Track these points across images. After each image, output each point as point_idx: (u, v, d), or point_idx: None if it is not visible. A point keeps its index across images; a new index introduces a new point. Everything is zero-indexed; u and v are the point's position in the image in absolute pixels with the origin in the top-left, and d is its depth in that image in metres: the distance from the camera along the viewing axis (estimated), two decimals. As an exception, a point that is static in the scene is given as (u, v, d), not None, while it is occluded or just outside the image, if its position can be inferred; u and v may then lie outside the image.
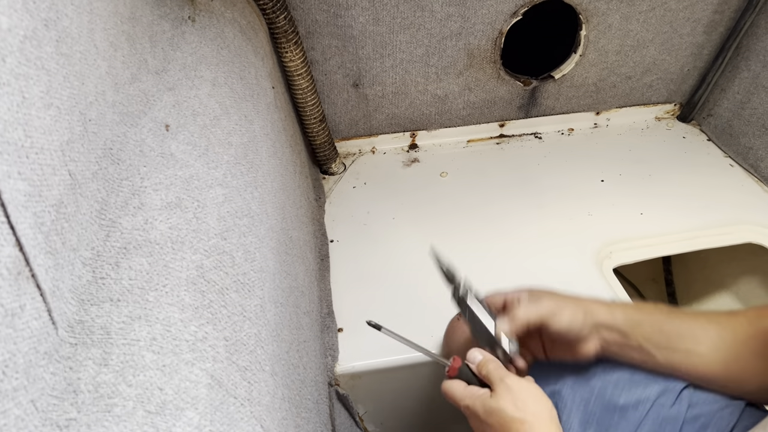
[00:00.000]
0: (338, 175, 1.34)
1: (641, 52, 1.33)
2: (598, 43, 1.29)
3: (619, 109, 1.45)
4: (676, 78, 1.41)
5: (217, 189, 0.60)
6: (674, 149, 1.39)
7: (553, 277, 1.05)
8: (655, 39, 1.31)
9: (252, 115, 0.78)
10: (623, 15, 1.25)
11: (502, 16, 1.20)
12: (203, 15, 0.81)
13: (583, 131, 1.45)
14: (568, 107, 1.41)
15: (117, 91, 0.57)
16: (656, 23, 1.28)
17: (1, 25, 0.36)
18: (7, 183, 0.34)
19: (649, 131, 1.45)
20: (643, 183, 1.28)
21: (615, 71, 1.36)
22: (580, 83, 1.36)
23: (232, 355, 0.49)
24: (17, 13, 0.38)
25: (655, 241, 1.14)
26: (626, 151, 1.38)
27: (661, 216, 1.19)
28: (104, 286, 0.45)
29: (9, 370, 0.33)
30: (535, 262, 1.08)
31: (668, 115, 1.49)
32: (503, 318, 0.68)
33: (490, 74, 1.30)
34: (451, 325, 0.85)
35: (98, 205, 0.49)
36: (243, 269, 0.58)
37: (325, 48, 1.18)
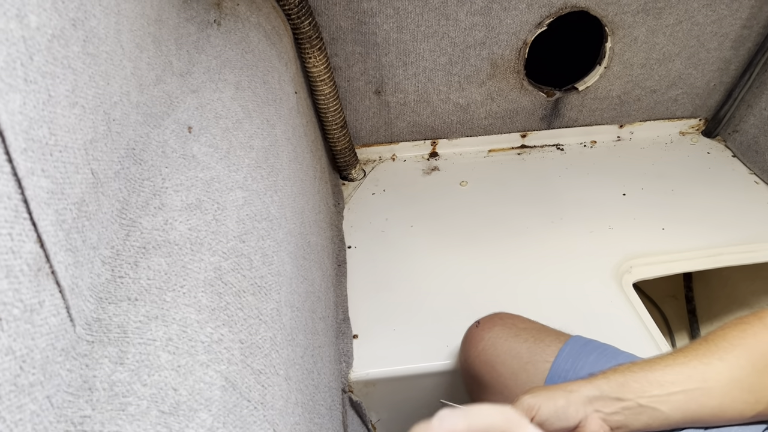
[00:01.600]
0: (358, 181, 1.34)
1: (667, 66, 1.32)
2: (624, 55, 1.28)
3: (643, 123, 1.44)
4: (702, 93, 1.40)
5: (237, 192, 0.60)
6: (698, 164, 1.37)
7: (571, 292, 1.04)
8: (682, 53, 1.30)
9: (274, 120, 0.78)
10: (649, 28, 1.24)
11: (527, 27, 1.19)
12: (229, 19, 0.82)
13: (606, 144, 1.43)
14: (591, 119, 1.40)
15: (141, 92, 0.57)
16: (683, 37, 1.27)
17: (30, 23, 0.36)
18: (30, 180, 0.35)
19: (673, 146, 1.43)
20: (666, 198, 1.26)
21: (640, 84, 1.35)
22: (604, 95, 1.35)
23: (246, 357, 0.49)
24: (46, 12, 0.39)
25: (676, 257, 1.12)
26: (649, 165, 1.36)
27: (684, 232, 1.17)
28: (122, 285, 0.45)
29: (26, 365, 0.33)
30: (554, 276, 1.08)
31: (693, 129, 1.47)
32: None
33: (513, 84, 1.29)
34: (469, 333, 0.84)
35: (119, 205, 0.49)
36: (260, 272, 0.58)
37: (348, 54, 1.18)
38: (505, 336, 0.79)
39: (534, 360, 0.75)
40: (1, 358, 0.31)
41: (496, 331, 0.80)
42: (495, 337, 0.79)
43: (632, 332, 0.97)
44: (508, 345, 0.78)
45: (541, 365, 0.74)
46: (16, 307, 0.33)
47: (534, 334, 0.78)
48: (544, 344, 0.76)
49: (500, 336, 0.79)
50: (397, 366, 0.92)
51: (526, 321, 0.82)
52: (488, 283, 1.06)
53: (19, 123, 0.34)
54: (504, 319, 0.82)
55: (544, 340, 0.77)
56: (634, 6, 1.20)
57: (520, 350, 0.77)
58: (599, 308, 1.01)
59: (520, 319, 0.83)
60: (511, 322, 0.82)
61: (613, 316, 1.00)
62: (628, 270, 1.10)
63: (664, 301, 1.56)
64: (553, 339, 0.77)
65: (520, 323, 0.81)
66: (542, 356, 0.75)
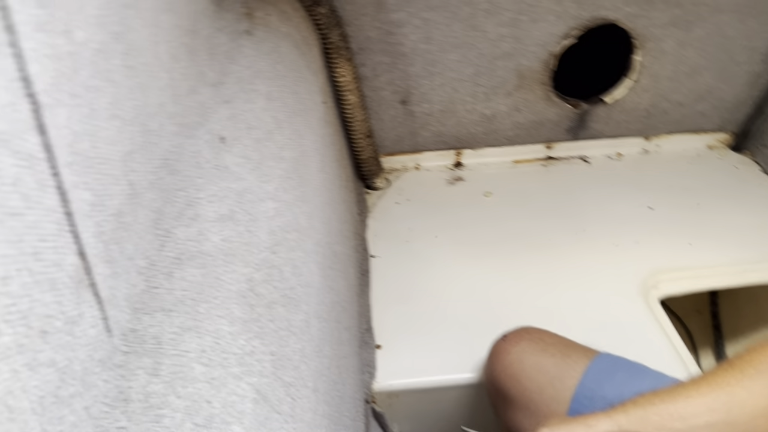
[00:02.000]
0: (382, 190, 1.34)
1: (695, 79, 1.31)
2: (652, 68, 1.27)
3: (670, 136, 1.42)
4: (730, 106, 1.38)
5: (268, 203, 0.61)
6: (726, 179, 1.35)
7: (596, 306, 1.03)
8: (711, 66, 1.29)
9: (303, 130, 0.78)
10: (678, 41, 1.23)
11: (555, 39, 1.19)
12: (260, 29, 0.82)
13: (632, 156, 1.42)
14: (617, 131, 1.39)
15: (176, 103, 0.58)
16: (712, 50, 1.26)
17: (77, 38, 0.37)
18: (74, 193, 0.35)
19: (700, 159, 1.42)
20: (693, 212, 1.25)
21: (667, 97, 1.34)
22: (631, 108, 1.34)
23: (277, 370, 0.50)
24: (91, 26, 0.39)
25: (704, 273, 1.11)
26: (676, 178, 1.35)
27: (711, 247, 1.16)
28: (157, 296, 0.46)
29: (67, 377, 0.34)
30: (579, 289, 1.07)
31: (720, 143, 1.45)
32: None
33: (539, 96, 1.29)
34: (495, 347, 0.84)
35: (154, 215, 0.50)
36: (290, 284, 0.58)
37: (375, 64, 1.19)
38: (532, 350, 0.78)
39: (561, 376, 0.74)
40: (45, 370, 0.31)
41: (523, 345, 0.80)
42: (522, 351, 0.79)
43: (659, 349, 0.96)
44: (535, 360, 0.77)
45: (568, 381, 0.74)
46: (59, 319, 0.33)
47: (561, 349, 0.78)
48: (572, 360, 0.76)
49: (527, 350, 0.79)
50: (420, 378, 0.92)
51: (554, 336, 0.82)
52: (512, 295, 1.06)
53: (64, 137, 0.35)
54: (531, 334, 0.82)
55: (572, 356, 0.76)
56: (664, 19, 1.19)
57: (547, 365, 0.76)
58: (625, 323, 1.00)
59: (548, 334, 0.82)
60: (538, 336, 0.81)
61: (639, 332, 0.98)
62: (655, 285, 1.09)
63: (688, 315, 1.54)
64: (580, 355, 0.76)
65: (547, 338, 0.81)
66: (569, 372, 0.74)
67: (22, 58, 0.30)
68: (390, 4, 1.10)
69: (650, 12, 1.18)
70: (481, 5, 1.12)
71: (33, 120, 0.31)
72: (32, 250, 0.31)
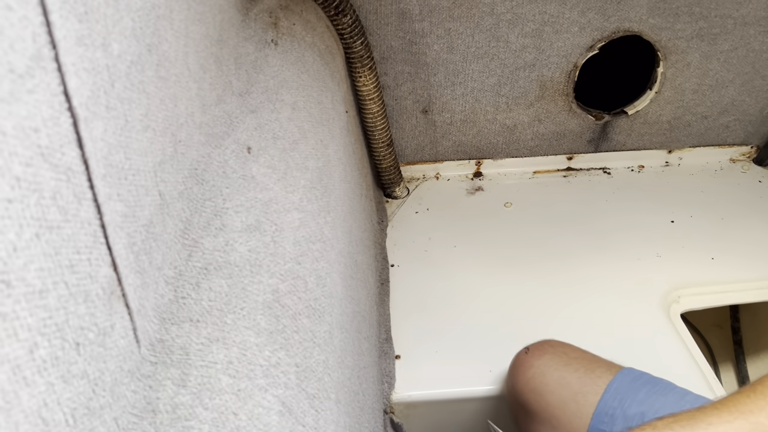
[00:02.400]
0: (401, 199, 1.34)
1: (719, 92, 1.30)
2: (675, 80, 1.26)
3: (693, 149, 1.41)
4: (755, 120, 1.37)
5: (293, 213, 0.61)
6: (749, 193, 1.34)
7: (616, 320, 1.02)
8: (735, 79, 1.28)
9: (327, 140, 0.78)
10: (703, 54, 1.22)
11: (578, 50, 1.18)
12: (285, 38, 0.83)
13: (654, 169, 1.41)
14: (639, 144, 1.39)
15: (204, 113, 0.58)
16: (737, 63, 1.25)
17: (113, 51, 0.37)
18: (108, 205, 0.36)
19: (723, 173, 1.40)
20: (716, 226, 1.23)
21: (691, 110, 1.32)
22: (654, 120, 1.33)
23: (302, 381, 0.50)
24: (126, 39, 0.40)
25: (726, 288, 1.10)
26: (698, 192, 1.34)
27: (734, 262, 1.14)
28: (185, 306, 0.46)
29: (98, 388, 0.34)
30: (600, 302, 1.06)
31: (744, 157, 1.44)
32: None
33: (561, 107, 1.28)
34: (517, 360, 0.83)
35: (182, 225, 0.50)
36: (315, 294, 0.58)
37: (397, 74, 1.19)
38: (555, 365, 0.78)
39: (584, 391, 0.74)
40: (78, 382, 0.32)
41: (546, 359, 0.79)
42: (545, 365, 0.79)
43: (679, 363, 0.95)
44: (559, 374, 0.77)
45: (591, 397, 0.73)
46: (92, 331, 0.33)
47: (585, 364, 0.77)
48: (595, 375, 0.75)
49: (550, 364, 0.78)
50: (439, 389, 0.91)
51: (577, 350, 0.81)
52: (532, 307, 1.05)
53: (100, 150, 0.35)
54: (555, 347, 0.81)
55: (595, 371, 0.76)
56: (689, 31, 1.18)
57: (570, 380, 0.76)
58: (646, 337, 0.99)
59: (571, 347, 0.82)
60: (561, 350, 0.81)
61: (660, 347, 0.97)
62: (677, 300, 1.07)
63: (708, 330, 1.52)
64: (604, 370, 0.76)
65: (571, 352, 0.80)
66: (592, 387, 0.74)
67: (63, 72, 0.30)
68: (413, 14, 1.10)
69: (675, 24, 1.17)
70: (505, 15, 1.12)
71: (72, 133, 0.31)
72: (68, 263, 0.31)
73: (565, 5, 1.12)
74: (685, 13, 1.15)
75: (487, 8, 1.11)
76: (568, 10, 1.13)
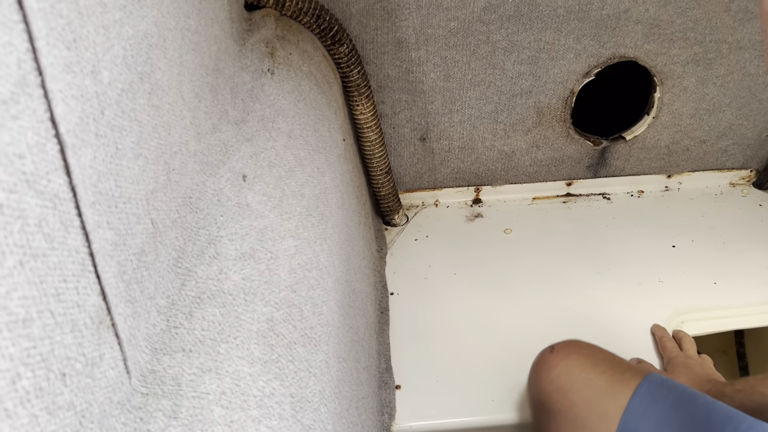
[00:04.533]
0: (401, 226, 1.33)
1: (717, 116, 1.30)
2: (672, 105, 1.27)
3: (692, 173, 1.41)
4: (753, 143, 1.37)
5: (289, 240, 0.60)
6: (750, 217, 1.33)
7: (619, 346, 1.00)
8: (732, 103, 1.28)
9: (324, 168, 0.78)
10: (699, 78, 1.23)
11: (575, 76, 1.19)
12: (282, 68, 0.83)
13: (654, 194, 1.41)
14: (638, 169, 1.38)
15: (199, 141, 0.58)
16: (734, 87, 1.25)
17: (103, 79, 0.37)
18: (97, 233, 0.35)
19: (723, 197, 1.40)
20: (717, 251, 1.23)
21: (689, 134, 1.33)
22: (652, 145, 1.33)
23: (297, 412, 0.49)
24: (117, 67, 0.40)
25: (730, 313, 1.09)
26: (699, 216, 1.33)
27: (737, 286, 1.13)
28: (177, 336, 0.45)
29: (85, 420, 0.33)
30: (601, 329, 1.05)
31: (743, 181, 1.44)
32: None
33: (559, 133, 1.28)
34: (541, 359, 0.82)
35: (176, 254, 0.50)
36: (310, 323, 0.57)
37: (395, 102, 1.19)
38: (582, 365, 0.77)
39: (612, 392, 0.73)
40: (63, 413, 0.31)
41: (573, 359, 0.78)
42: (571, 365, 0.77)
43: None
44: (585, 375, 0.76)
45: (619, 399, 0.72)
46: (79, 361, 0.33)
47: (613, 366, 0.77)
48: (624, 378, 0.74)
49: (577, 364, 0.77)
50: (441, 419, 0.90)
51: (605, 352, 0.80)
52: (534, 334, 1.04)
53: (89, 177, 0.35)
54: (581, 348, 0.80)
55: (624, 373, 0.75)
56: (684, 56, 1.19)
57: (597, 381, 0.75)
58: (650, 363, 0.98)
59: (598, 349, 0.81)
60: (588, 351, 0.80)
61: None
62: (680, 325, 1.06)
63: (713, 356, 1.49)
64: (633, 374, 0.75)
65: (598, 353, 0.79)
66: (621, 389, 0.73)
67: (50, 99, 0.30)
68: (410, 43, 1.11)
69: (670, 50, 1.17)
70: (500, 43, 1.13)
71: (59, 160, 0.31)
72: (54, 291, 0.31)
73: (561, 32, 1.13)
74: (680, 38, 1.16)
75: (483, 36, 1.11)
76: (564, 37, 1.13)
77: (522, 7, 1.08)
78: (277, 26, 0.90)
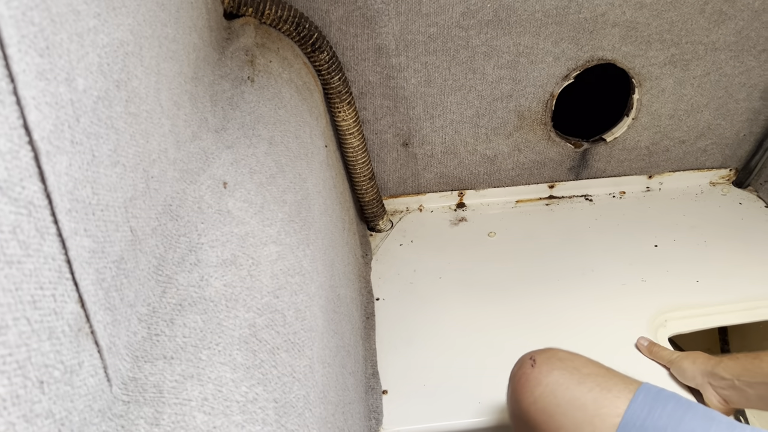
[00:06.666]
0: (385, 232, 1.34)
1: (695, 117, 1.32)
2: (651, 106, 1.28)
3: (673, 173, 1.42)
4: (732, 143, 1.38)
5: (271, 246, 0.60)
6: (730, 215, 1.35)
7: (604, 345, 1.02)
8: (710, 104, 1.30)
9: (306, 174, 0.78)
10: (677, 79, 1.24)
11: (554, 79, 1.20)
12: (262, 75, 0.83)
13: (635, 195, 1.42)
14: (619, 170, 1.40)
15: (178, 149, 0.58)
16: (711, 88, 1.27)
17: (78, 86, 0.37)
18: (74, 240, 0.35)
19: (704, 196, 1.42)
20: (699, 249, 1.24)
21: (668, 135, 1.34)
22: (632, 146, 1.35)
23: (281, 417, 0.49)
24: (93, 75, 0.40)
25: (712, 310, 1.10)
26: (680, 216, 1.34)
27: (719, 284, 1.15)
28: (158, 343, 0.45)
29: (65, 428, 0.33)
30: (585, 330, 1.05)
31: (723, 180, 1.45)
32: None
33: (540, 136, 1.29)
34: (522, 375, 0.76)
35: (156, 261, 0.50)
36: (294, 328, 0.57)
37: (377, 108, 1.20)
38: (566, 383, 0.72)
39: (601, 413, 0.69)
40: (41, 422, 0.31)
41: (556, 376, 0.73)
42: (555, 383, 0.73)
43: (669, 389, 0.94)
44: (571, 394, 0.71)
45: (610, 419, 0.68)
46: (57, 369, 0.33)
47: (600, 381, 0.72)
48: (612, 395, 0.70)
49: (561, 382, 0.72)
50: (428, 423, 0.90)
51: (590, 364, 0.75)
52: (519, 336, 1.04)
53: (65, 184, 0.35)
54: (564, 361, 0.75)
55: (612, 389, 0.71)
56: (661, 58, 1.20)
57: (585, 401, 0.70)
58: (634, 363, 0.98)
59: (582, 361, 0.76)
60: (572, 365, 0.75)
61: (649, 371, 0.97)
62: (663, 324, 1.07)
63: (699, 354, 1.52)
64: (621, 388, 0.71)
65: (583, 367, 0.74)
66: (611, 409, 0.69)
67: (22, 105, 0.30)
68: (390, 49, 1.11)
69: (647, 52, 1.19)
70: (480, 48, 1.14)
71: (33, 167, 0.31)
72: (30, 298, 0.30)
73: (539, 36, 1.14)
74: (657, 40, 1.17)
75: (462, 41, 1.12)
76: (542, 41, 1.14)
77: (500, 12, 1.09)
78: (257, 34, 0.90)
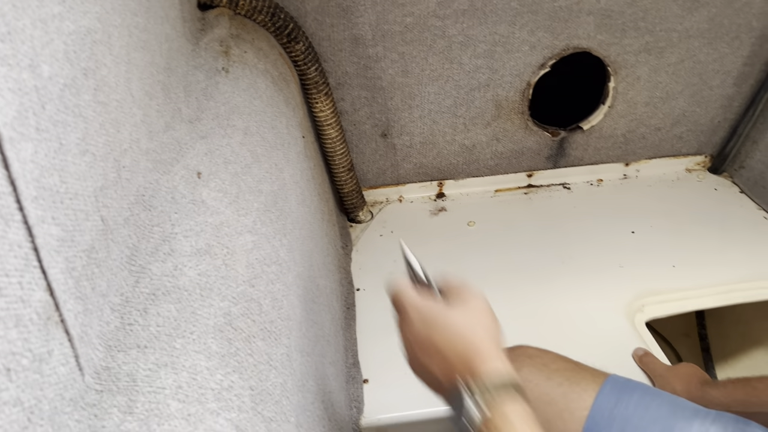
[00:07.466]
0: (365, 223, 1.34)
1: (670, 104, 1.33)
2: (627, 94, 1.29)
3: (649, 161, 1.44)
4: (707, 129, 1.40)
5: (246, 236, 0.60)
6: (706, 201, 1.37)
7: (583, 331, 1.03)
8: (685, 91, 1.31)
9: (282, 164, 0.78)
10: (652, 67, 1.25)
11: (531, 68, 1.20)
12: (237, 66, 0.83)
13: (613, 182, 1.43)
14: (596, 158, 1.41)
15: (151, 139, 0.58)
16: (685, 75, 1.28)
17: (43, 73, 0.37)
18: (41, 228, 0.35)
19: (680, 183, 1.43)
20: (675, 235, 1.25)
21: (644, 122, 1.35)
22: (609, 134, 1.36)
23: (257, 405, 0.49)
24: (58, 62, 0.39)
25: (688, 295, 1.11)
26: (657, 202, 1.36)
27: (694, 269, 1.16)
28: (132, 333, 0.45)
29: (34, 416, 0.33)
30: (565, 316, 1.06)
31: (699, 166, 1.47)
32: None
33: (518, 125, 1.30)
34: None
35: (129, 251, 0.49)
36: (270, 317, 0.57)
37: (354, 99, 1.19)
38: (535, 379, 0.74)
39: (570, 407, 0.71)
40: (9, 409, 0.30)
41: (525, 373, 0.75)
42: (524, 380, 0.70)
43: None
44: (540, 390, 0.73)
45: (578, 413, 0.70)
46: (25, 357, 0.32)
47: (568, 375, 0.74)
48: (580, 388, 0.72)
49: (530, 379, 0.74)
50: (409, 411, 0.90)
51: (558, 359, 0.77)
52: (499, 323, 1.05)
53: (30, 171, 0.34)
54: (533, 358, 0.77)
55: (580, 383, 0.73)
56: (636, 46, 1.21)
57: (554, 396, 0.72)
58: (612, 348, 0.99)
59: (550, 357, 0.78)
60: (540, 361, 0.77)
61: (627, 356, 0.98)
62: (640, 309, 1.08)
63: (677, 339, 1.54)
64: (589, 381, 0.73)
65: (551, 363, 0.76)
66: (579, 403, 0.71)
67: (-16, 92, 0.30)
68: (366, 40, 1.11)
69: (622, 39, 1.20)
70: (456, 38, 1.14)
71: (-4, 154, 0.31)
72: (-5, 286, 0.30)
73: (515, 25, 1.14)
74: (631, 28, 1.18)
75: (439, 31, 1.12)
76: (518, 30, 1.15)
77: (476, 1, 1.09)
78: (231, 25, 0.90)
